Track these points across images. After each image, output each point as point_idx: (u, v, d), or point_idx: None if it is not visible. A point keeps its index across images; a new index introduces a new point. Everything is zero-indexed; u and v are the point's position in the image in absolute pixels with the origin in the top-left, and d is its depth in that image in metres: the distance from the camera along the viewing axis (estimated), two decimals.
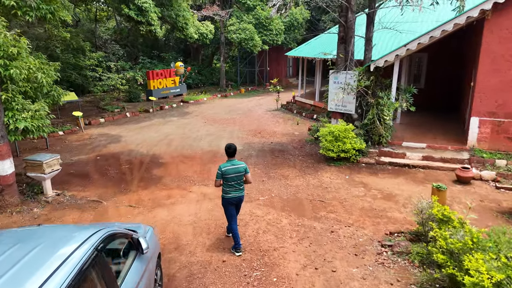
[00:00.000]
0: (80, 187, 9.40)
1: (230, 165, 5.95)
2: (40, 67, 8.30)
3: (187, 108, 21.81)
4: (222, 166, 5.96)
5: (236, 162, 6.02)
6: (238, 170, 5.96)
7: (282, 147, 12.79)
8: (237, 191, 6.04)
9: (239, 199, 6.13)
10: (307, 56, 18.27)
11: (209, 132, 15.35)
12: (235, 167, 5.95)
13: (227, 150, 6.04)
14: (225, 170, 5.90)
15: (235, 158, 6.10)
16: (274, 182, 9.43)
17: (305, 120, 17.43)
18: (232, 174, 5.92)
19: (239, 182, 6.01)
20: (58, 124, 16.85)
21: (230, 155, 6.04)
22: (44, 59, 9.13)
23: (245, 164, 6.10)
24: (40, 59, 8.90)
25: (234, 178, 5.94)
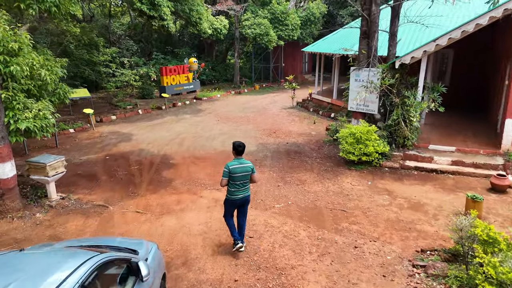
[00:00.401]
0: (86, 190, 8.96)
1: (237, 163, 5.65)
2: (44, 64, 7.83)
3: (200, 105, 21.30)
4: (230, 164, 5.65)
5: (243, 161, 5.73)
6: (246, 169, 5.68)
7: (299, 148, 12.13)
8: (243, 191, 5.79)
9: (244, 200, 5.87)
10: (325, 52, 17.50)
11: (222, 131, 14.79)
12: (243, 166, 5.66)
13: (237, 148, 5.73)
14: (232, 169, 5.60)
15: (242, 157, 5.80)
16: (290, 187, 8.80)
17: (322, 119, 16.70)
18: (239, 174, 5.63)
19: (245, 182, 5.76)
20: (69, 121, 16.57)
21: (238, 153, 5.74)
22: (50, 55, 8.68)
23: (252, 164, 5.83)
24: (45, 55, 8.45)
25: (240, 178, 5.66)
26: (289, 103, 20.90)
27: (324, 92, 20.53)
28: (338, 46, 16.44)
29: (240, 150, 5.72)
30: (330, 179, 9.25)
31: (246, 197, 5.86)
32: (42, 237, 6.68)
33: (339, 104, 17.31)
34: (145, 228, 6.97)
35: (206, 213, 7.52)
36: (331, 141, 12.55)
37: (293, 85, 19.92)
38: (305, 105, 19.69)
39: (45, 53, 8.57)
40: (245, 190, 5.82)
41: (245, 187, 5.78)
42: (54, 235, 6.75)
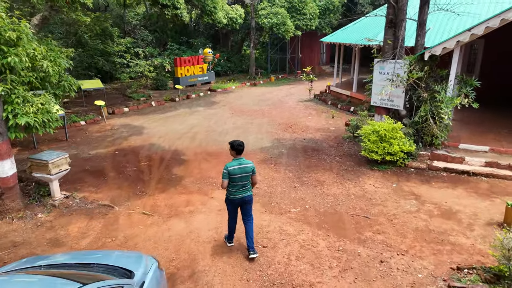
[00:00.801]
0: (92, 188, 8.54)
1: (237, 164, 5.40)
2: (47, 54, 7.36)
3: (215, 97, 20.75)
4: (229, 165, 5.39)
5: (243, 161, 5.46)
6: (245, 170, 5.42)
7: (316, 144, 11.45)
8: (243, 191, 5.54)
9: (244, 200, 5.58)
10: (345, 42, 16.63)
11: (236, 125, 14.21)
12: (242, 166, 5.40)
13: (237, 147, 5.45)
14: (231, 170, 5.35)
15: (242, 156, 5.51)
16: (308, 189, 8.17)
17: (341, 113, 15.93)
18: (238, 175, 5.37)
19: (245, 183, 5.49)
20: (81, 113, 16.26)
21: (238, 153, 5.47)
22: (55, 45, 8.20)
23: (253, 164, 5.57)
24: (49, 45, 7.98)
25: (240, 179, 5.41)
26: (306, 96, 20.14)
27: (343, 84, 19.67)
28: (358, 36, 15.57)
29: (240, 149, 5.46)
30: (351, 180, 8.58)
31: (245, 197, 5.55)
32: (42, 240, 6.26)
33: (359, 97, 16.47)
34: (151, 232, 6.48)
35: (216, 216, 6.98)
36: (351, 138, 11.82)
37: (310, 77, 19.13)
38: (322, 98, 18.91)
39: (49, 43, 8.10)
40: (245, 190, 5.54)
41: (244, 188, 5.52)
42: (54, 238, 6.32)
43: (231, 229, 5.88)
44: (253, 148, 11.16)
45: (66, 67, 8.32)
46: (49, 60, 7.30)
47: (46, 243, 6.16)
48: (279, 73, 30.08)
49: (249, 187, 5.59)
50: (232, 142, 5.53)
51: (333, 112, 15.68)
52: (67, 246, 6.09)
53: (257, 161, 9.98)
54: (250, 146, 11.39)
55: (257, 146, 11.41)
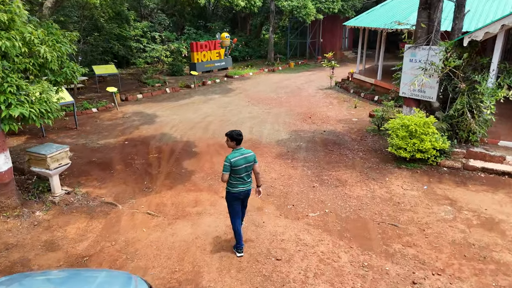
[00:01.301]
0: (97, 182, 8.03)
1: (239, 155, 5.12)
2: (45, 39, 6.76)
3: (231, 84, 19.99)
4: (230, 157, 5.10)
5: (244, 151, 5.22)
6: (248, 160, 5.18)
7: (338, 138, 10.62)
8: (246, 184, 5.28)
9: (246, 193, 5.34)
10: (370, 27, 15.50)
11: (251, 114, 13.47)
12: (244, 156, 5.15)
13: (237, 137, 5.17)
14: (234, 162, 5.07)
15: (242, 146, 5.27)
16: (328, 189, 7.41)
17: (364, 103, 14.94)
18: (241, 166, 5.12)
19: (248, 174, 5.27)
20: (94, 100, 15.84)
21: (238, 143, 5.21)
22: (55, 28, 7.58)
23: (253, 153, 5.32)
24: (49, 28, 7.37)
25: (243, 170, 5.16)
26: (326, 83, 19.14)
27: (366, 71, 18.56)
28: (385, 20, 14.42)
29: (241, 139, 5.20)
30: (376, 180, 7.76)
31: (248, 190, 5.34)
32: (37, 242, 5.77)
33: (384, 85, 15.42)
34: (154, 236, 5.90)
35: (225, 219, 6.33)
36: (376, 131, 10.92)
37: (331, 63, 18.10)
38: (344, 86, 17.89)
39: (49, 26, 7.48)
40: (247, 183, 5.30)
41: (247, 179, 5.27)
42: (50, 240, 5.82)
43: (237, 232, 5.41)
44: (269, 141, 10.43)
45: (69, 52, 7.74)
46: (47, 45, 6.70)
47: (41, 246, 5.67)
48: (298, 59, 28.99)
49: (250, 180, 5.35)
50: (230, 132, 5.21)
51: (355, 101, 14.72)
52: (62, 250, 5.58)
53: (272, 156, 9.26)
54: (265, 138, 10.66)
55: (273, 138, 10.67)
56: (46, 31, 7.31)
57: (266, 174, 8.14)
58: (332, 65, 18.08)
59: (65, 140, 10.88)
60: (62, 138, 11.09)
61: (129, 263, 5.25)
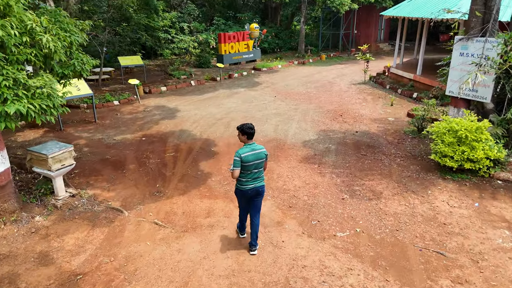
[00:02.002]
0: (106, 183, 7.45)
1: (250, 150, 4.82)
2: (49, 27, 6.16)
3: (258, 77, 19.12)
4: (241, 152, 4.79)
5: (256, 146, 4.91)
6: (259, 156, 4.87)
7: (372, 140, 9.56)
8: (256, 180, 4.96)
9: (256, 191, 4.99)
10: (411, 16, 14.13)
11: (278, 110, 12.57)
12: (256, 152, 4.84)
13: (248, 131, 4.84)
14: (245, 157, 4.76)
15: (254, 141, 4.96)
16: (359, 203, 6.46)
17: (401, 100, 13.68)
18: (252, 162, 4.81)
19: (260, 170, 4.97)
20: (118, 92, 15.46)
21: (250, 137, 4.89)
22: (64, 16, 6.99)
23: (265, 149, 5.00)
24: (57, 16, 6.78)
25: (254, 166, 4.85)
26: (360, 78, 17.90)
27: (405, 65, 17.15)
28: (429, 9, 13.06)
29: (252, 133, 4.88)
30: (417, 193, 6.72)
31: (258, 187, 4.98)
32: (30, 254, 5.22)
33: (424, 81, 14.08)
34: (157, 253, 5.20)
35: (240, 237, 5.54)
36: (416, 133, 9.77)
37: (366, 56, 16.83)
38: (379, 81, 16.60)
39: (57, 13, 6.89)
40: (259, 180, 4.99)
41: (259, 176, 4.98)
42: (45, 252, 5.25)
43: (242, 221, 5.40)
44: (294, 141, 9.52)
45: (79, 42, 7.14)
46: (51, 34, 6.10)
47: (34, 259, 5.10)
48: (330, 51, 27.66)
49: (263, 176, 5.06)
50: (241, 126, 4.88)
51: (392, 98, 13.49)
52: (55, 265, 4.99)
53: (297, 159, 8.36)
54: (290, 138, 9.76)
55: (299, 138, 9.75)
56: (53, 18, 6.75)
57: (289, 181, 7.28)
58: (367, 58, 16.82)
59: (82, 135, 10.46)
60: (80, 133, 10.67)
61: (125, 286, 4.57)
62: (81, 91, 11.20)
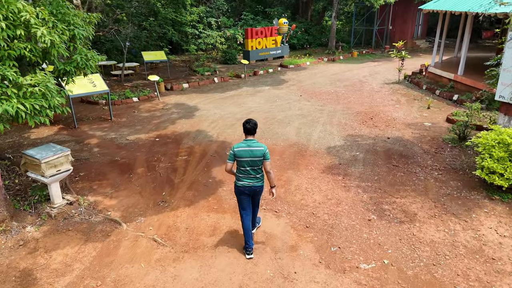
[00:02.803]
0: (110, 189, 6.91)
1: (245, 146, 4.71)
2: (48, 19, 5.63)
3: (284, 74, 18.25)
4: (235, 146, 4.77)
5: (253, 143, 4.73)
6: (254, 154, 4.69)
7: (405, 148, 8.53)
8: (251, 179, 4.81)
9: (253, 190, 4.86)
10: (453, 10, 12.80)
11: (302, 111, 11.70)
12: (251, 149, 4.69)
13: (245, 125, 4.79)
14: (237, 152, 4.71)
15: (254, 138, 4.81)
16: (389, 226, 5.55)
17: (440, 102, 12.45)
18: (245, 158, 4.70)
19: (255, 169, 4.78)
20: (138, 88, 15.08)
21: (247, 133, 4.79)
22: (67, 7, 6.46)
23: (264, 148, 4.75)
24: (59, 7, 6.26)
25: (247, 163, 4.72)
26: (394, 77, 16.68)
27: (444, 64, 15.77)
28: (475, 1, 11.73)
29: (248, 128, 4.75)
30: (458, 217, 5.72)
31: (255, 187, 4.83)
32: (13, 271, 4.71)
33: (466, 82, 12.76)
34: (150, 279, 4.55)
35: (246, 263, 4.80)
36: (456, 141, 8.65)
37: (402, 54, 15.57)
38: (415, 81, 15.32)
39: (59, 4, 6.36)
40: (255, 179, 4.81)
41: (255, 175, 4.79)
42: (29, 270, 4.73)
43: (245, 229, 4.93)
44: (318, 147, 8.66)
45: (84, 36, 6.61)
46: (48, 27, 5.56)
47: (15, 278, 4.58)
48: (363, 48, 26.31)
49: (261, 177, 4.85)
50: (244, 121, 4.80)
51: (429, 100, 12.28)
52: (37, 287, 4.44)
53: (319, 169, 7.51)
54: (313, 143, 8.90)
55: (323, 144, 8.87)
56: (55, 10, 6.23)
57: (308, 196, 6.45)
58: (402, 56, 15.57)
59: (95, 133, 10.05)
60: (94, 131, 10.27)
61: None
62: (97, 87, 10.81)
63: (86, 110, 12.36)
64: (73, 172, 7.57)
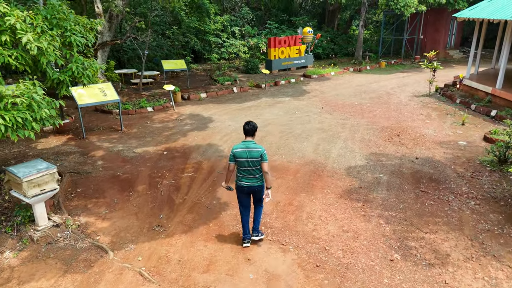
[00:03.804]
0: (105, 209, 6.36)
1: (243, 147, 4.85)
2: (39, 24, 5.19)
3: (307, 85, 17.48)
4: (235, 147, 4.91)
5: (251, 144, 4.86)
6: (252, 154, 4.81)
7: (436, 170, 7.57)
8: (250, 179, 4.95)
9: (252, 190, 5.00)
10: (492, 18, 11.69)
11: (322, 125, 10.89)
12: (249, 150, 4.82)
13: (245, 126, 4.94)
14: (237, 153, 4.85)
15: (253, 139, 4.96)
16: (415, 270, 4.66)
17: (476, 118, 11.33)
18: (243, 158, 4.83)
19: (253, 169, 4.88)
20: (155, 97, 14.73)
21: (246, 134, 4.94)
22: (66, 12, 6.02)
23: (262, 149, 4.88)
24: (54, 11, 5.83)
25: (246, 163, 4.84)
26: (424, 89, 15.59)
27: (480, 76, 14.55)
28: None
29: (247, 129, 4.95)
30: (500, 260, 4.76)
31: (254, 187, 5.00)
32: None
33: (506, 97, 11.58)
34: None
35: None
36: (496, 165, 7.61)
37: (433, 65, 14.48)
38: (448, 94, 14.19)
39: (55, 9, 5.92)
40: (254, 179, 4.97)
41: (254, 175, 4.95)
42: None
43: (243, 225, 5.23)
44: (336, 167, 7.83)
45: (81, 43, 6.15)
46: (36, 32, 5.11)
47: None
48: (391, 58, 25.17)
49: (259, 176, 4.99)
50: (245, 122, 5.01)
51: (464, 116, 11.18)
52: None
53: (336, 193, 6.68)
54: (332, 162, 8.08)
55: (343, 163, 8.04)
56: (50, 15, 5.80)
57: (321, 226, 5.65)
58: (434, 67, 14.48)
59: (103, 145, 9.63)
60: (102, 142, 9.86)
61: None
62: (107, 97, 10.44)
63: (99, 119, 12.04)
64: (70, 188, 7.11)
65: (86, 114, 12.62)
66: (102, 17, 16.19)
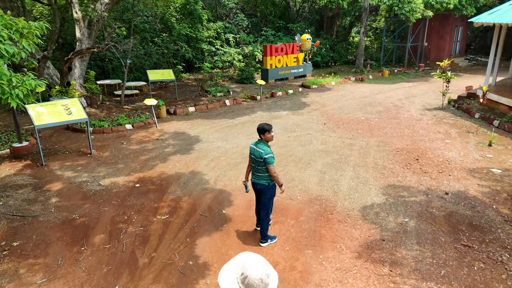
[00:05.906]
0: (42, 275, 4.71)
1: (253, 145, 4.98)
2: None
3: (306, 96, 15.95)
4: (251, 143, 5.04)
5: (259, 144, 4.90)
6: (256, 154, 4.87)
7: (474, 212, 5.98)
8: (255, 176, 5.04)
9: (256, 186, 5.05)
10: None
11: (326, 146, 9.31)
12: (255, 149, 4.89)
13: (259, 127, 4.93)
14: (250, 148, 5.04)
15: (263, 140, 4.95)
16: None
17: (502, 137, 9.80)
18: (252, 155, 4.98)
19: (257, 168, 4.97)
20: (137, 111, 13.13)
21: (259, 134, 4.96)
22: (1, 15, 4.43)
23: (265, 152, 4.78)
24: None
25: (253, 161, 4.98)
26: (434, 101, 14.13)
27: (498, 87, 13.10)
28: None
29: (260, 130, 4.91)
30: None
31: (257, 184, 5.01)
32: None
33: None
34: None
35: None
36: None
37: (447, 75, 12.99)
38: (464, 107, 12.69)
39: None
40: (257, 177, 5.00)
41: (258, 173, 4.96)
42: None
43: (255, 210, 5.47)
44: (348, 206, 6.23)
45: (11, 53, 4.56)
46: None
47: None
48: (394, 66, 23.75)
49: (263, 176, 4.93)
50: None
51: (490, 136, 9.64)
52: None
53: (353, 250, 5.06)
54: (342, 198, 6.48)
55: (355, 200, 6.44)
56: None
57: None
58: (448, 77, 12.97)
59: (64, 174, 7.99)
60: (63, 170, 8.22)
61: None
62: (72, 115, 8.82)
63: (68, 140, 10.41)
64: (5, 241, 5.46)
65: (54, 133, 11.00)
66: (81, 23, 14.67)
